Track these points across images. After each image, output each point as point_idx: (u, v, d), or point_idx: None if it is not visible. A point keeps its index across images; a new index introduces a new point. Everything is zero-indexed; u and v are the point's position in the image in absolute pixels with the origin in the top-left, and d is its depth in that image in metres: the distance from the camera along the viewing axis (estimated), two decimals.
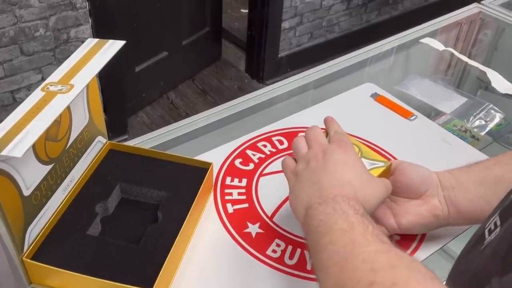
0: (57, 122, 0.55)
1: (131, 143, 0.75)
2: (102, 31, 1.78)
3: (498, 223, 0.39)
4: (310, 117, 0.82)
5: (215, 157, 0.72)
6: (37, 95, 0.50)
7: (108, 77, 1.85)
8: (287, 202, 0.66)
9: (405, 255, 0.42)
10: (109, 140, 0.69)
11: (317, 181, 0.51)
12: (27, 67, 1.69)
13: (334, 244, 0.44)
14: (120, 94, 2.05)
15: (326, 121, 0.60)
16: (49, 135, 0.54)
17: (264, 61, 2.47)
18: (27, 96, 0.50)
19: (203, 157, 0.72)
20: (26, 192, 0.51)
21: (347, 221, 0.45)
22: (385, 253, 0.41)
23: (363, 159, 0.56)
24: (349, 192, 0.49)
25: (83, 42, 0.60)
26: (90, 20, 1.73)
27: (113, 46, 0.58)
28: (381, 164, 0.56)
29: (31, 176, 0.51)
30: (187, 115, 2.24)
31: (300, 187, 0.52)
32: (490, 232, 0.39)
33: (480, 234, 0.41)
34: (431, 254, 0.61)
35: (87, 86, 0.61)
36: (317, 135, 0.56)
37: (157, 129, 0.80)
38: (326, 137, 0.57)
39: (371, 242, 0.43)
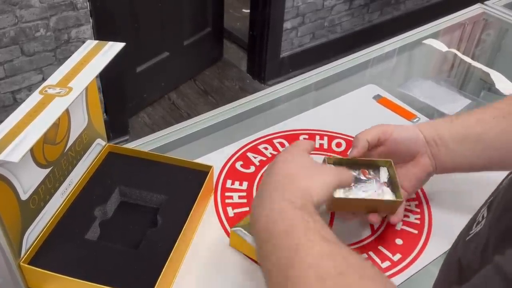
0: (55, 125, 0.54)
1: (132, 144, 0.74)
2: (103, 32, 1.78)
3: (485, 214, 0.39)
4: (311, 119, 0.81)
5: (216, 159, 0.71)
6: (35, 98, 0.50)
7: (109, 78, 1.84)
8: None
9: (353, 256, 0.39)
10: (110, 140, 0.68)
11: (274, 188, 0.47)
12: (27, 67, 1.68)
13: (277, 250, 0.41)
14: (121, 94, 2.04)
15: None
16: (47, 138, 0.53)
17: (265, 62, 2.46)
18: (28, 97, 0.49)
19: (204, 159, 0.71)
20: (24, 196, 0.50)
21: (286, 219, 0.42)
22: (331, 257, 0.39)
23: None
24: (285, 183, 0.46)
25: (84, 42, 0.59)
26: (91, 21, 1.73)
27: (113, 48, 0.58)
28: None
29: (28, 180, 0.51)
30: (189, 116, 2.24)
31: (262, 192, 0.49)
32: (478, 224, 0.39)
33: (469, 225, 0.41)
34: (436, 258, 0.60)
35: (86, 88, 0.60)
36: (299, 142, 0.56)
37: (159, 129, 0.79)
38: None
39: (314, 242, 0.40)
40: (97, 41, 0.59)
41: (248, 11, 2.46)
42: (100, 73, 0.54)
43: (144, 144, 0.75)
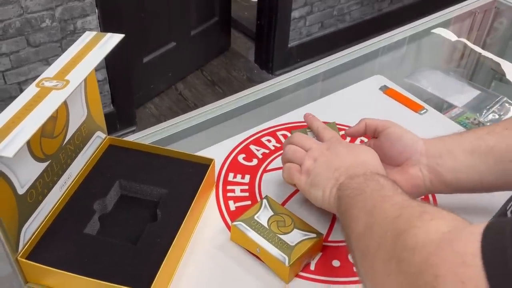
0: (53, 118, 0.54)
1: (136, 136, 0.74)
2: (109, 22, 1.76)
3: None
4: (315, 111, 0.79)
5: (218, 152, 0.70)
6: (31, 91, 0.49)
7: (116, 68, 1.84)
8: (291, 200, 0.64)
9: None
10: (117, 132, 0.68)
11: (338, 167, 0.53)
12: (34, 58, 1.68)
13: (364, 200, 0.46)
14: (128, 85, 2.03)
15: (306, 117, 0.64)
16: (45, 132, 0.53)
17: (273, 52, 2.44)
18: None
19: (206, 152, 0.70)
20: (21, 191, 0.50)
21: (378, 183, 0.48)
22: (413, 200, 0.44)
23: (295, 230, 0.57)
24: (372, 169, 0.52)
25: None
26: (96, 11, 1.72)
27: (112, 40, 0.57)
28: (313, 235, 0.56)
29: (26, 174, 0.50)
30: (196, 107, 2.23)
31: (319, 178, 0.54)
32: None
33: (500, 214, 0.39)
34: None
35: (85, 80, 0.59)
36: (306, 138, 0.59)
37: (166, 120, 0.78)
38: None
39: (400, 194, 0.45)
40: (95, 33, 0.57)
41: (256, 0, 2.43)
42: (106, 64, 0.53)
43: (149, 135, 0.74)
